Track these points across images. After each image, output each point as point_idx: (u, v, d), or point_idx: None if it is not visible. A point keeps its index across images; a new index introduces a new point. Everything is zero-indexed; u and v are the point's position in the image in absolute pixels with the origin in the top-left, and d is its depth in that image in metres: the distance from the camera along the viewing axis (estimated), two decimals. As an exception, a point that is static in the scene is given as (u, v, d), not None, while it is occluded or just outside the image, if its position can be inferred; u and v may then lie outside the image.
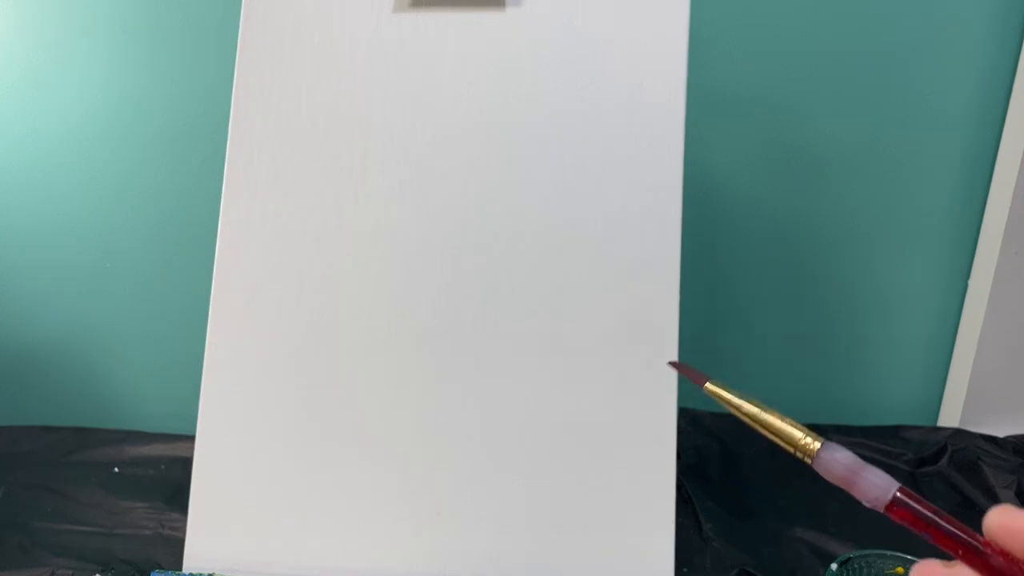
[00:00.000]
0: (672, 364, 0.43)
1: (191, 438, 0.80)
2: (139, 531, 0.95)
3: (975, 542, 0.27)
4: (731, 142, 1.08)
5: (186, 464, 0.86)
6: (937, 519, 0.28)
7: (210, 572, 0.77)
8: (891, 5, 1.02)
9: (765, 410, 0.35)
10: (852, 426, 1.11)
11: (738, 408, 0.36)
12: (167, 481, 1.04)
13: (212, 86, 1.07)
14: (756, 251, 1.12)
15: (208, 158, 1.07)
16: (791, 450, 0.33)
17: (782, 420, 0.34)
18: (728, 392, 0.37)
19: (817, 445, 0.32)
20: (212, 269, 0.80)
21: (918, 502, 0.28)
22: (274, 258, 0.80)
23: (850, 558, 0.71)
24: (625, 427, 0.76)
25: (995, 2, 1.01)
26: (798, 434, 0.33)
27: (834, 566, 0.71)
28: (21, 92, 1.10)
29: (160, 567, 0.88)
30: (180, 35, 1.07)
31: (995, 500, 0.97)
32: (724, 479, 1.04)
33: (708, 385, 0.37)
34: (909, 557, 0.72)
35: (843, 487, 0.31)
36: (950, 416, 1.14)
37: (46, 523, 0.96)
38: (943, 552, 0.28)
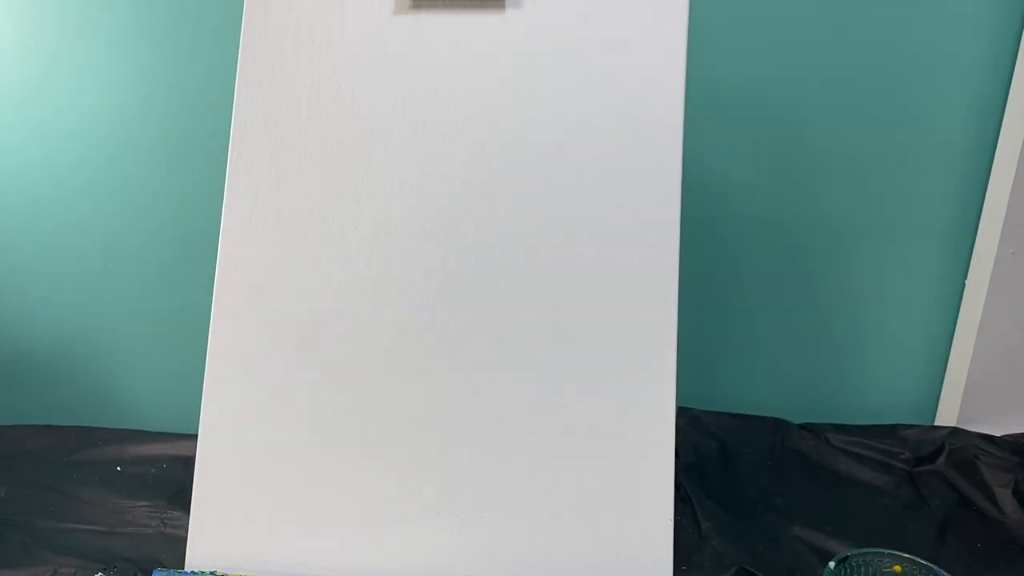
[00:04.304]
0: None
1: (193, 437, 0.81)
2: (141, 529, 0.95)
3: None
4: (730, 143, 1.09)
5: (188, 463, 0.87)
6: None
7: (212, 570, 0.78)
8: (890, 8, 1.03)
9: None
10: (850, 425, 1.12)
11: None
12: (169, 480, 1.05)
13: (214, 88, 1.07)
14: (755, 252, 1.13)
15: (210, 159, 1.07)
16: None
17: None
18: None
19: None
20: (214, 269, 0.81)
21: None
22: (275, 258, 0.80)
23: (848, 556, 0.72)
24: (625, 427, 0.76)
25: (993, 6, 1.02)
26: None
27: (832, 564, 0.71)
28: (23, 94, 1.10)
29: (162, 565, 0.88)
30: (182, 38, 1.07)
31: (992, 499, 0.98)
32: (723, 478, 1.05)
33: None
34: (906, 555, 0.73)
35: None
36: (947, 415, 1.15)
37: (48, 522, 0.96)
38: None
